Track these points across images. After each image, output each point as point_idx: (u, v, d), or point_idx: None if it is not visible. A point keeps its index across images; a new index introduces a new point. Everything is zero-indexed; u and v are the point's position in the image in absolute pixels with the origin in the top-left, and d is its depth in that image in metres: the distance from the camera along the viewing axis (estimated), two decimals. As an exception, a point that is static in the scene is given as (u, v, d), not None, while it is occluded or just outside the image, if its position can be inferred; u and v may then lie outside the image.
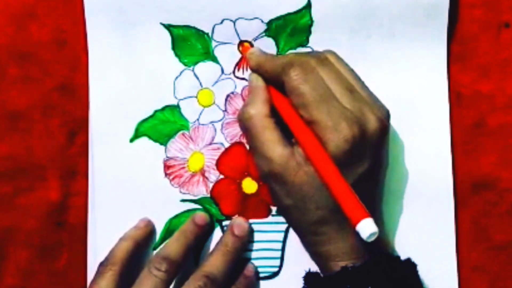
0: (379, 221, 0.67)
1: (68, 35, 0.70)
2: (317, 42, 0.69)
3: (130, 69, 0.69)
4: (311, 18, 0.69)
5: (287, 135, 0.65)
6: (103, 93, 0.69)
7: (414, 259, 0.69)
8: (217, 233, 0.71)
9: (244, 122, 0.66)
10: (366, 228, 0.59)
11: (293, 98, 0.64)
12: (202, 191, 0.71)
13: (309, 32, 0.69)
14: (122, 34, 0.69)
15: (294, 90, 0.64)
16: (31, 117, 0.70)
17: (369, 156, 0.64)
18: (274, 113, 0.66)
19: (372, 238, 0.59)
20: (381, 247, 0.66)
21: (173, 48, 0.69)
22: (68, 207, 0.71)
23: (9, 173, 0.71)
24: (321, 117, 0.63)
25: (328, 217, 0.64)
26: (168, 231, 0.70)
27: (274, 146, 0.65)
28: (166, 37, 0.69)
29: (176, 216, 0.71)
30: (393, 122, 0.68)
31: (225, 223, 0.71)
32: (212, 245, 0.70)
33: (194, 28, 0.69)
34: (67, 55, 0.70)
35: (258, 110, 0.66)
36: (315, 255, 0.67)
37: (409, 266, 0.66)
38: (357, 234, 0.60)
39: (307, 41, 0.69)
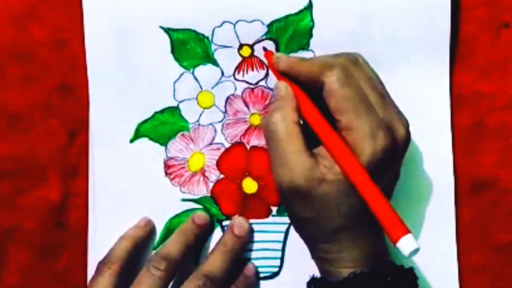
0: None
1: (68, 35, 0.70)
2: (318, 44, 0.69)
3: (129, 72, 0.69)
4: (312, 20, 0.69)
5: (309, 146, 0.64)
6: (102, 93, 0.69)
7: (415, 259, 0.70)
8: (218, 233, 0.71)
9: (270, 126, 0.64)
10: (408, 245, 0.58)
11: (332, 101, 0.62)
12: (202, 190, 0.71)
13: (310, 35, 0.69)
14: (121, 38, 0.69)
15: (334, 93, 0.62)
16: (31, 117, 0.70)
17: (395, 167, 0.64)
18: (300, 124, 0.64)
19: (414, 255, 0.58)
20: (383, 255, 0.66)
21: (173, 51, 0.69)
22: (68, 207, 0.71)
23: (9, 173, 0.71)
24: (360, 124, 0.61)
25: (346, 225, 0.63)
26: (169, 231, 0.70)
27: (298, 155, 0.62)
28: (166, 41, 0.69)
29: (177, 215, 0.71)
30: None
31: (225, 223, 0.71)
32: (212, 245, 0.70)
33: (193, 31, 0.69)
34: (67, 55, 0.70)
35: (287, 116, 0.63)
36: (323, 260, 0.65)
37: (412, 276, 0.65)
38: (369, 243, 0.60)
39: (308, 44, 0.69)
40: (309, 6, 0.68)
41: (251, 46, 0.69)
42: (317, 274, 0.66)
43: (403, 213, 0.70)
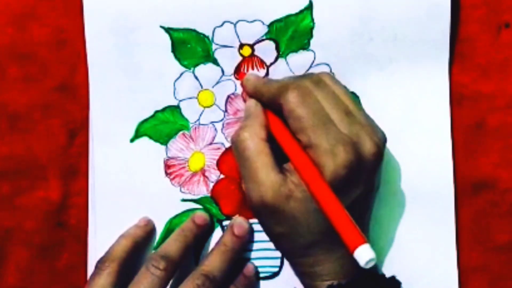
0: None
1: (68, 35, 0.70)
2: (318, 45, 0.69)
3: (130, 71, 0.69)
4: (312, 20, 0.69)
5: (279, 162, 0.65)
6: (103, 94, 0.69)
7: (415, 259, 0.70)
8: (218, 233, 0.71)
9: (238, 144, 0.65)
10: (364, 254, 0.58)
11: (291, 122, 0.64)
12: (202, 190, 0.71)
13: (311, 35, 0.69)
14: (122, 37, 0.69)
15: (291, 113, 0.63)
16: (31, 117, 0.70)
17: (364, 181, 0.64)
18: (269, 140, 0.65)
19: (370, 264, 0.58)
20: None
21: (173, 51, 0.69)
22: (68, 207, 0.71)
23: (9, 173, 0.71)
24: (318, 141, 0.62)
25: (319, 240, 0.64)
26: (169, 231, 0.70)
27: (267, 171, 0.63)
28: (166, 40, 0.69)
29: (177, 215, 0.71)
30: (395, 123, 0.68)
31: (225, 223, 0.71)
32: (213, 245, 0.70)
33: (194, 31, 0.69)
34: (67, 55, 0.70)
35: (255, 134, 0.65)
36: (301, 274, 0.67)
37: (394, 283, 0.66)
38: (345, 255, 0.60)
39: (309, 44, 0.69)
40: (310, 6, 0.68)
41: (252, 46, 0.69)
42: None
43: (404, 213, 0.70)
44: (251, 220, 0.70)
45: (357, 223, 0.60)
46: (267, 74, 0.70)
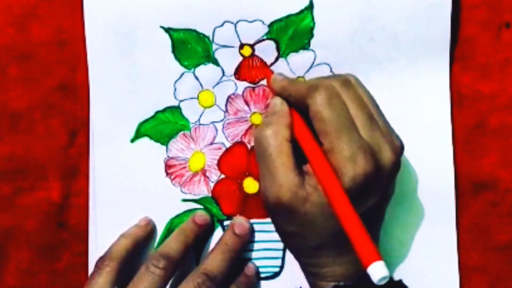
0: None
1: (68, 35, 0.70)
2: (318, 44, 0.69)
3: (130, 71, 0.69)
4: (313, 20, 0.69)
5: (299, 163, 0.64)
6: (103, 94, 0.69)
7: (415, 259, 0.70)
8: (218, 233, 0.71)
9: (261, 140, 0.65)
10: (378, 271, 0.57)
11: (316, 123, 0.63)
12: (203, 191, 0.71)
13: (311, 35, 0.69)
14: (122, 37, 0.69)
15: (317, 115, 0.63)
16: (31, 117, 0.70)
17: (380, 190, 0.64)
18: (292, 141, 0.65)
19: (383, 282, 0.57)
20: None
21: (173, 51, 0.69)
22: (68, 207, 0.71)
23: (9, 173, 0.71)
24: (340, 147, 0.62)
25: (328, 243, 0.64)
26: (169, 231, 0.70)
27: (286, 171, 0.63)
28: (166, 40, 0.69)
29: (177, 216, 0.71)
30: (395, 123, 0.68)
31: (226, 223, 0.71)
32: (213, 245, 0.70)
33: (194, 31, 0.69)
34: (67, 55, 0.70)
35: (279, 132, 0.64)
36: (307, 273, 0.67)
37: (401, 287, 0.66)
38: (353, 260, 0.60)
39: (309, 44, 0.69)
40: (310, 6, 0.68)
41: (252, 46, 0.69)
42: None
43: (404, 214, 0.71)
44: (252, 220, 0.71)
45: (369, 229, 0.60)
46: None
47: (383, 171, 0.63)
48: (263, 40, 0.69)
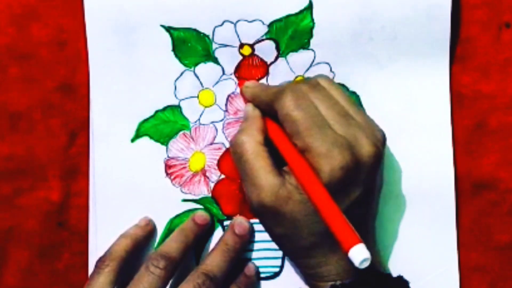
0: (371, 244, 0.67)
1: (69, 35, 0.70)
2: (318, 44, 0.69)
3: (130, 70, 0.69)
4: (312, 20, 0.69)
5: (279, 165, 0.65)
6: (103, 93, 0.69)
7: (416, 259, 0.70)
8: (219, 233, 0.71)
9: (236, 148, 0.66)
10: (358, 254, 0.58)
11: (286, 126, 0.64)
12: (203, 191, 0.71)
13: (311, 35, 0.69)
14: (122, 36, 0.69)
15: (286, 117, 0.63)
16: (31, 117, 0.70)
17: (362, 183, 0.64)
18: (268, 144, 0.66)
19: (365, 264, 0.58)
20: (373, 266, 0.64)
21: (174, 50, 0.69)
22: (68, 207, 0.71)
23: (9, 173, 0.71)
24: (313, 145, 0.62)
25: (320, 242, 0.64)
26: (170, 231, 0.70)
27: (265, 174, 0.64)
28: (166, 39, 0.69)
29: (177, 216, 0.71)
30: (395, 123, 0.68)
31: (226, 223, 0.71)
32: (213, 245, 0.70)
33: (194, 30, 0.69)
34: (68, 55, 0.70)
35: (252, 137, 0.65)
36: (305, 274, 0.67)
37: (401, 283, 0.66)
38: (347, 257, 0.60)
39: (309, 44, 0.69)
40: (310, 6, 0.68)
41: (252, 45, 0.69)
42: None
43: (405, 213, 0.71)
44: (252, 220, 0.70)
45: (359, 223, 0.60)
46: (267, 73, 0.70)
47: (363, 163, 0.63)
48: (263, 39, 0.69)
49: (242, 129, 0.67)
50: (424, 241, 0.70)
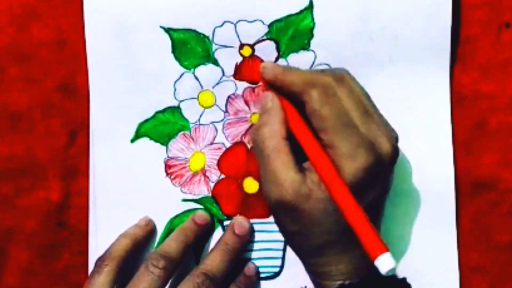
0: None
1: (68, 35, 0.70)
2: (318, 45, 0.69)
3: (130, 71, 0.69)
4: (313, 20, 0.68)
5: (299, 160, 0.64)
6: (103, 93, 0.69)
7: (416, 259, 0.70)
8: (219, 233, 0.71)
9: (258, 142, 0.65)
10: (385, 263, 0.58)
11: (314, 121, 0.63)
12: (203, 190, 0.71)
13: (311, 35, 0.69)
14: (122, 38, 0.68)
15: (315, 112, 0.63)
16: (31, 117, 0.70)
17: (380, 183, 0.64)
18: (289, 136, 0.65)
19: (391, 273, 0.58)
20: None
21: (173, 51, 0.69)
22: (68, 207, 0.71)
23: (9, 173, 0.71)
24: (339, 143, 0.62)
25: (333, 240, 0.64)
26: (170, 231, 0.70)
27: (287, 170, 0.63)
28: (166, 40, 0.69)
29: (178, 215, 0.71)
30: (395, 123, 0.68)
31: (226, 223, 0.71)
32: (213, 245, 0.70)
33: (194, 31, 0.69)
34: (67, 55, 0.70)
35: (275, 132, 0.64)
36: (313, 273, 0.67)
37: (404, 286, 0.66)
38: (358, 257, 0.60)
39: (309, 44, 0.69)
40: (310, 6, 0.68)
41: (252, 46, 0.69)
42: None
43: (404, 214, 0.71)
44: (252, 220, 0.71)
45: (372, 223, 0.60)
46: (267, 74, 0.70)
47: (383, 163, 0.63)
48: (263, 40, 0.69)
49: (264, 123, 0.65)
50: (424, 241, 0.70)
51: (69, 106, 0.71)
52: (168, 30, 0.69)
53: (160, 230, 0.71)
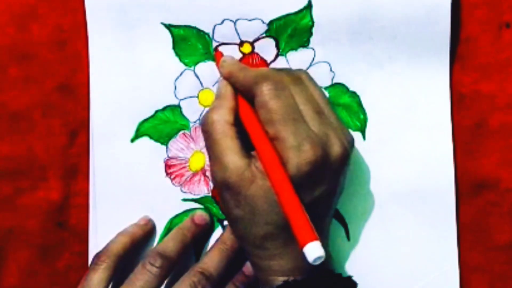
0: (325, 244, 0.66)
1: (68, 35, 0.70)
2: (318, 43, 0.69)
3: (130, 69, 0.69)
4: (312, 19, 0.69)
5: (247, 148, 0.65)
6: (103, 93, 0.69)
7: (416, 259, 0.70)
8: (218, 233, 0.71)
9: (206, 127, 0.65)
10: (313, 251, 0.58)
11: (261, 113, 0.64)
12: (203, 190, 0.71)
13: (310, 33, 0.69)
14: (123, 34, 0.69)
15: (263, 105, 0.63)
16: (31, 117, 0.70)
17: (327, 181, 0.64)
18: (238, 124, 0.65)
19: (318, 262, 0.58)
20: (325, 265, 0.63)
21: (174, 48, 0.69)
22: (69, 207, 0.71)
23: (10, 173, 0.71)
24: (286, 135, 0.62)
25: (275, 233, 0.63)
26: (169, 231, 0.70)
27: (232, 154, 0.64)
28: (167, 37, 0.69)
29: (177, 215, 0.71)
30: (395, 122, 0.68)
31: (226, 222, 0.71)
32: (213, 245, 0.70)
33: (194, 28, 0.69)
34: (67, 55, 0.70)
35: (222, 116, 0.65)
36: (257, 268, 0.66)
37: (350, 284, 0.66)
38: (301, 253, 0.60)
39: (308, 42, 0.69)
40: (309, 5, 0.68)
41: (252, 43, 0.69)
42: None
43: (404, 213, 0.70)
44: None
45: (317, 223, 0.61)
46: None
47: (330, 163, 0.63)
48: (263, 37, 0.69)
49: (213, 107, 0.66)
50: (424, 241, 0.70)
51: (69, 106, 0.71)
52: (168, 27, 0.69)
53: (160, 229, 0.71)
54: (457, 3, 0.69)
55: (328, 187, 0.64)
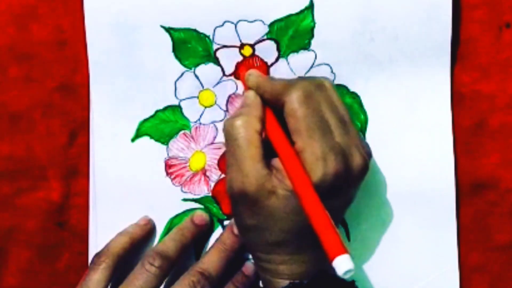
0: None
1: (68, 35, 0.70)
2: (319, 44, 0.69)
3: (130, 71, 0.69)
4: (313, 20, 0.68)
5: (267, 157, 0.64)
6: (104, 93, 0.69)
7: (416, 259, 0.70)
8: (219, 233, 0.71)
9: (231, 130, 0.64)
10: (343, 264, 0.57)
11: (290, 121, 0.63)
12: (203, 190, 0.71)
13: (312, 35, 0.69)
14: (122, 37, 0.68)
15: (292, 113, 0.63)
16: (31, 117, 0.70)
17: (346, 193, 0.64)
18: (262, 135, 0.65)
19: (348, 275, 0.58)
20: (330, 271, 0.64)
21: (174, 50, 0.69)
22: (69, 207, 0.71)
23: (9, 173, 0.71)
24: (312, 145, 0.62)
25: (287, 239, 0.63)
26: (169, 231, 0.70)
27: (254, 163, 0.63)
28: (167, 40, 0.69)
29: (178, 215, 0.71)
30: (396, 123, 0.68)
31: (226, 222, 0.71)
32: (213, 245, 0.70)
33: (194, 30, 0.69)
34: (68, 55, 0.70)
35: (250, 123, 0.64)
36: (263, 269, 0.66)
37: None
38: (311, 258, 0.60)
39: (309, 44, 0.69)
40: (310, 6, 0.68)
41: (252, 46, 0.69)
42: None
43: (404, 214, 0.71)
44: (252, 220, 0.70)
45: None
46: (268, 74, 0.69)
47: (352, 175, 0.63)
48: (264, 40, 0.69)
49: (241, 113, 0.65)
50: (424, 241, 0.70)
51: (69, 106, 0.71)
52: (168, 30, 0.69)
53: (160, 229, 0.71)
54: (457, 3, 0.69)
55: (345, 198, 0.64)
